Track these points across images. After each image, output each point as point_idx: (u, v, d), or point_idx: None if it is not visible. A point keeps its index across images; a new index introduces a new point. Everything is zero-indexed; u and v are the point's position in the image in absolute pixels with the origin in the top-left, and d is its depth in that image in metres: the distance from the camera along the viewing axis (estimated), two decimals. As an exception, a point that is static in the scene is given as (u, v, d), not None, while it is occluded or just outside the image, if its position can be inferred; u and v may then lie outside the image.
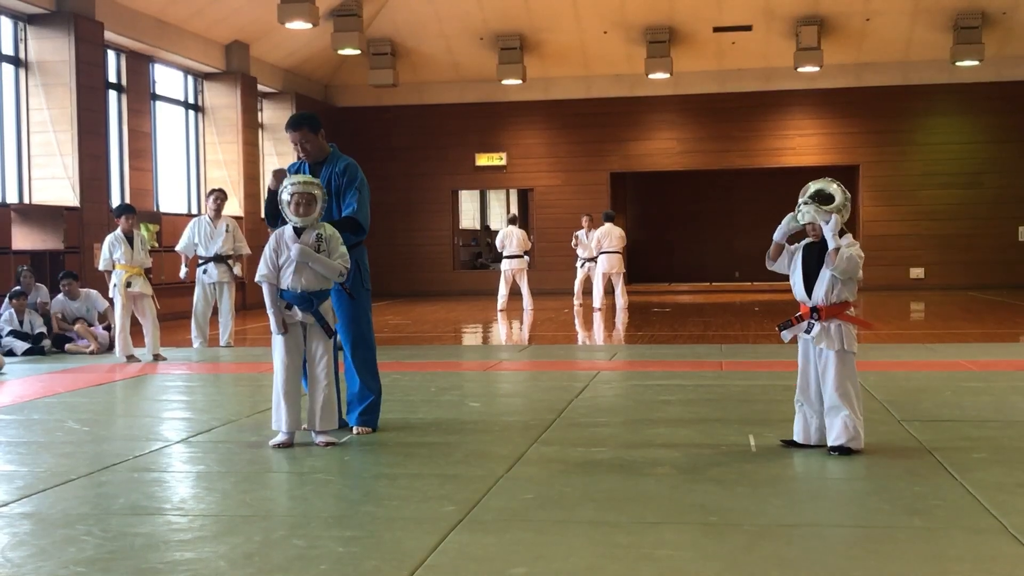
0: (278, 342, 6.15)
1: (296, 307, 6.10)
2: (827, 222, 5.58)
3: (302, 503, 4.91)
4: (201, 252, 12.37)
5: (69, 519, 4.57)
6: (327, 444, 6.08)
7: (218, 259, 12.34)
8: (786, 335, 5.85)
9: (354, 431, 6.54)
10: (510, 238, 18.13)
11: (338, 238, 6.16)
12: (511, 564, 3.87)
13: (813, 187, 5.71)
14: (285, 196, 6.06)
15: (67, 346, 11.88)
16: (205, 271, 12.36)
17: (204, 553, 4.06)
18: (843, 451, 5.59)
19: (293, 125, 6.59)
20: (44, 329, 11.90)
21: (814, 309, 5.68)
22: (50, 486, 5.18)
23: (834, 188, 5.68)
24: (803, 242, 5.85)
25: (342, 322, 6.59)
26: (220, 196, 12.63)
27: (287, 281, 6.09)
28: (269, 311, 6.12)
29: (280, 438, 6.09)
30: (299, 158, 6.65)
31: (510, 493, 4.93)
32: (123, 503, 4.88)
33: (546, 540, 4.18)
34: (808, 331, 5.70)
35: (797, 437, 5.81)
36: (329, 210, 6.45)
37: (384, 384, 8.80)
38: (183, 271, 12.66)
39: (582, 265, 18.86)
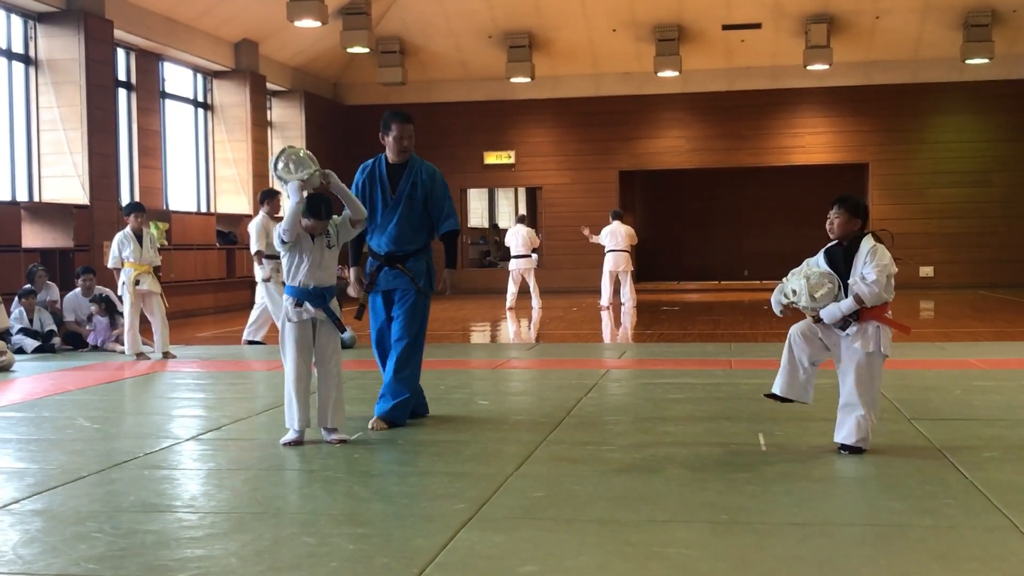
0: (289, 341, 6.16)
1: (307, 303, 6.11)
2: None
3: (312, 500, 4.92)
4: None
5: (80, 516, 4.58)
6: (339, 442, 6.09)
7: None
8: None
9: (371, 424, 6.56)
10: (516, 237, 18.14)
11: (340, 219, 6.22)
12: (521, 562, 3.87)
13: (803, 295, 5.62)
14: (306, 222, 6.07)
15: (99, 340, 11.85)
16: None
17: (215, 550, 4.06)
18: (853, 450, 5.57)
19: (405, 119, 6.68)
20: (54, 327, 11.93)
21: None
22: (61, 483, 5.19)
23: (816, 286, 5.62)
24: (827, 246, 5.79)
25: (403, 317, 6.67)
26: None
27: (300, 277, 6.12)
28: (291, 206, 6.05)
29: (291, 436, 6.10)
30: (398, 149, 6.67)
31: (520, 491, 4.93)
32: (134, 500, 4.89)
33: (556, 538, 4.18)
34: (844, 328, 5.65)
35: (785, 391, 5.72)
36: (422, 212, 6.68)
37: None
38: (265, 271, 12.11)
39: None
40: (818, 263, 5.75)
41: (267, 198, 12.43)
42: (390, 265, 6.72)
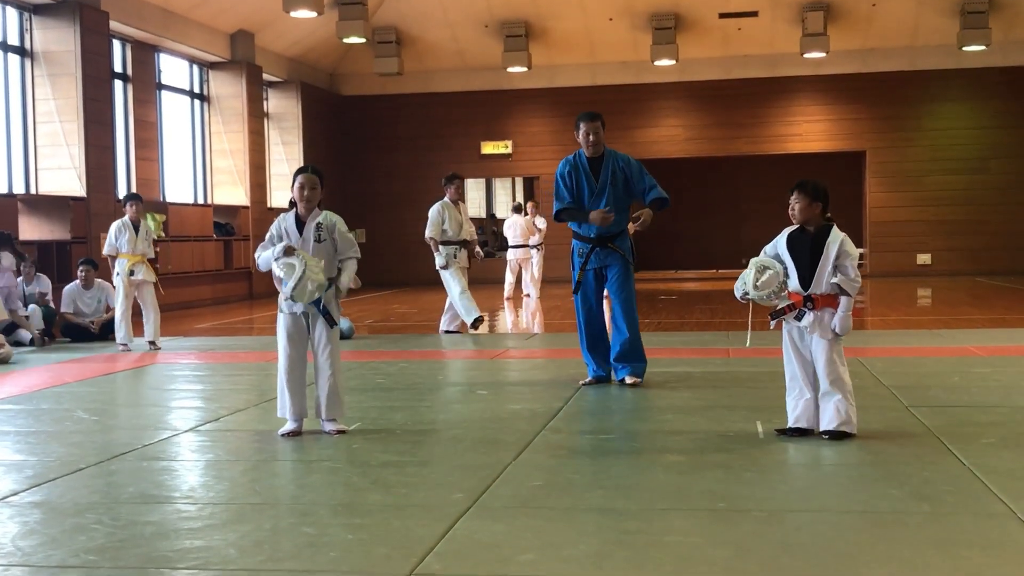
0: (282, 332, 6.16)
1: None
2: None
3: (311, 491, 4.92)
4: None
5: (79, 508, 4.58)
6: (337, 432, 6.09)
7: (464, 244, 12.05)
8: (775, 323, 5.82)
9: (627, 380, 7.57)
10: (513, 227, 18.16)
11: (334, 224, 6.17)
12: (520, 551, 3.88)
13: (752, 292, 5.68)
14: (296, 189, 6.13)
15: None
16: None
17: (214, 541, 4.07)
18: (836, 435, 5.58)
19: (591, 117, 7.60)
20: (42, 324, 11.81)
21: (807, 298, 5.64)
22: (60, 475, 5.20)
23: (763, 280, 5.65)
24: (785, 231, 5.77)
25: (622, 289, 7.61)
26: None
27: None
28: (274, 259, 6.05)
29: (289, 426, 6.10)
30: (587, 143, 7.57)
31: (518, 480, 4.94)
32: (132, 492, 4.90)
33: (555, 527, 4.18)
34: (799, 319, 5.67)
35: (805, 423, 5.75)
36: (624, 195, 7.61)
37: (391, 372, 8.85)
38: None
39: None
40: (775, 247, 5.75)
41: (449, 182, 12.13)
42: (602, 245, 7.63)
